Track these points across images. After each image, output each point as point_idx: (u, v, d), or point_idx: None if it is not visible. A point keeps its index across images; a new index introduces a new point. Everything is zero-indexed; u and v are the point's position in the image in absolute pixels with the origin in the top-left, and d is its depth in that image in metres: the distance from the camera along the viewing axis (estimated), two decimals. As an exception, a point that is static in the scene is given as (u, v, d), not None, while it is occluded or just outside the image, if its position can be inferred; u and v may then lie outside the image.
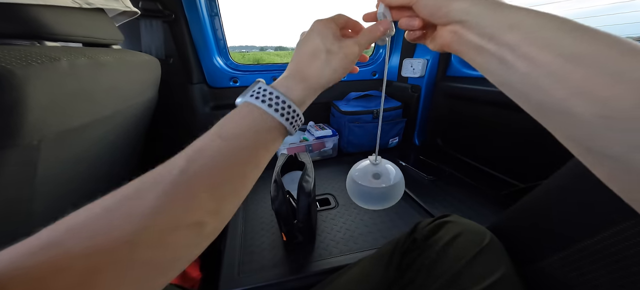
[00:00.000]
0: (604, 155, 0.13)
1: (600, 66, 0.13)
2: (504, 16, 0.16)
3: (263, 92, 0.20)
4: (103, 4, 0.46)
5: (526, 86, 0.15)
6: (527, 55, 0.15)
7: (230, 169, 0.18)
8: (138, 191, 0.16)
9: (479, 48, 0.17)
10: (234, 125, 0.20)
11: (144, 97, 0.58)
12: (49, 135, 0.32)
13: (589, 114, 0.13)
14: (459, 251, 0.30)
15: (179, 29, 0.80)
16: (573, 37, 0.14)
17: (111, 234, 0.14)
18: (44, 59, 0.29)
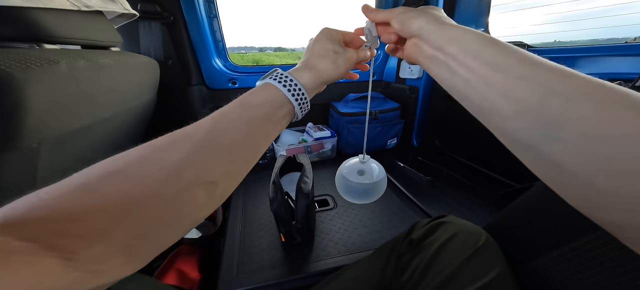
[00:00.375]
0: (526, 146, 0.16)
1: (511, 72, 0.16)
2: (447, 32, 0.21)
3: (280, 75, 0.24)
4: (101, 7, 0.46)
5: (466, 89, 0.19)
6: (464, 64, 0.19)
7: (246, 134, 0.21)
8: (170, 144, 0.18)
9: (432, 57, 0.22)
10: (253, 97, 0.23)
11: (143, 99, 0.58)
12: (48, 138, 0.32)
13: (511, 111, 0.16)
14: (455, 251, 0.31)
15: (178, 30, 0.81)
16: (493, 49, 0.18)
17: (143, 181, 0.16)
18: (43, 61, 0.29)
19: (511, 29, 0.85)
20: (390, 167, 0.89)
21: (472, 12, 0.84)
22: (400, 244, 0.38)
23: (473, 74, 0.18)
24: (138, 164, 0.17)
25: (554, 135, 0.14)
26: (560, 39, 0.90)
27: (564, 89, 0.14)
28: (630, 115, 0.12)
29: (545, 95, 0.15)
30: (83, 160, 0.44)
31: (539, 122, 0.15)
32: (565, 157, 0.14)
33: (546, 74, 0.15)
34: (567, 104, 0.14)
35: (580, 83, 0.14)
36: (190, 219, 0.19)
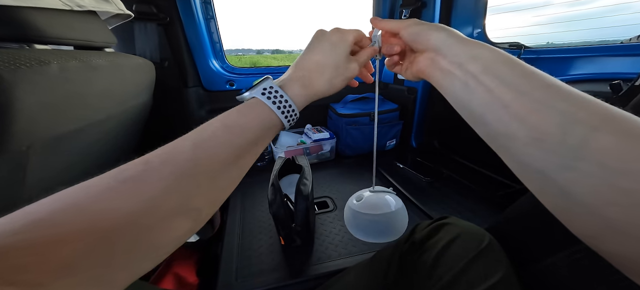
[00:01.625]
0: (536, 171, 0.16)
1: (531, 96, 0.16)
2: (469, 49, 0.20)
3: (270, 91, 0.22)
4: (95, 7, 0.45)
5: (482, 109, 0.18)
6: (483, 83, 0.18)
7: (234, 159, 0.20)
8: (145, 172, 0.17)
9: (449, 73, 0.21)
10: (241, 118, 0.21)
11: (138, 100, 0.57)
12: (38, 141, 0.31)
13: (528, 137, 0.16)
14: (458, 253, 0.30)
15: (174, 32, 0.80)
16: (514, 71, 0.17)
17: (114, 215, 0.15)
18: (33, 62, 0.28)
19: (507, 30, 0.86)
20: (389, 169, 0.88)
21: (468, 13, 0.84)
22: (402, 246, 0.37)
23: (491, 95, 0.18)
24: (107, 196, 0.15)
25: (570, 164, 0.14)
26: (553, 40, 0.91)
27: (587, 117, 0.14)
28: (613, 143, 0.13)
29: (566, 124, 0.14)
30: (75, 163, 0.43)
31: (557, 151, 0.14)
32: (578, 187, 0.14)
33: (567, 101, 0.15)
34: (590, 133, 0.14)
35: (603, 112, 0.14)
36: (171, 245, 0.18)
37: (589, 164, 0.13)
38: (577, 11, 0.79)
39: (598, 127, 0.14)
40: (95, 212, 0.14)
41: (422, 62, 0.23)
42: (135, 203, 0.15)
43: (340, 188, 0.77)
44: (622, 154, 0.13)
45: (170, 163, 0.17)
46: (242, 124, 0.21)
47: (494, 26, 0.85)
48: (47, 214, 0.14)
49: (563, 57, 0.67)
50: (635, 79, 0.40)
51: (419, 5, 0.88)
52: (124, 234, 0.15)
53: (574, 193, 0.14)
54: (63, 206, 0.14)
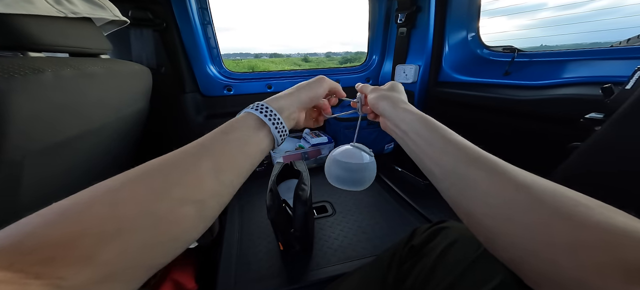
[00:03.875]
0: (450, 198, 0.23)
1: (436, 145, 0.24)
2: (399, 115, 0.28)
3: (260, 105, 0.26)
4: (90, 13, 0.45)
5: (415, 155, 0.26)
6: (411, 138, 0.26)
7: (232, 157, 0.22)
8: (159, 169, 0.19)
9: (393, 131, 0.29)
10: (232, 122, 0.25)
11: (134, 107, 0.57)
12: (33, 150, 0.30)
13: (439, 173, 0.23)
14: (457, 257, 0.30)
15: (171, 37, 0.80)
16: (426, 128, 0.25)
17: (132, 203, 0.16)
18: (27, 70, 0.28)
19: (500, 33, 0.87)
20: (388, 172, 0.89)
21: (463, 17, 0.86)
22: (401, 251, 0.37)
23: (416, 146, 0.26)
24: (127, 187, 0.17)
25: (464, 192, 0.21)
26: (546, 43, 0.93)
27: (464, 158, 0.22)
28: (503, 179, 0.19)
29: (455, 163, 0.22)
30: (70, 172, 0.42)
31: (455, 182, 0.22)
32: (471, 205, 0.20)
33: (454, 147, 0.23)
34: (467, 168, 0.21)
35: (473, 154, 0.21)
36: (181, 239, 0.19)
37: (472, 190, 0.20)
38: (569, 14, 0.81)
39: (470, 163, 0.21)
40: (116, 202, 0.16)
41: (382, 122, 0.32)
42: (148, 192, 0.17)
43: (339, 192, 0.77)
44: (488, 182, 0.19)
45: (180, 164, 0.20)
46: (233, 125, 0.24)
47: (487, 30, 0.87)
48: (71, 209, 0.15)
49: (555, 60, 0.68)
50: (626, 82, 0.41)
51: (414, 10, 0.89)
52: (140, 224, 0.16)
53: (472, 211, 0.20)
54: (85, 200, 0.16)
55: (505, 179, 0.19)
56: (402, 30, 0.94)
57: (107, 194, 0.16)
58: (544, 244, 0.16)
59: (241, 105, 0.94)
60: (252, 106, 0.26)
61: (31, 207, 0.36)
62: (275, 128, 0.25)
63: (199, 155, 0.21)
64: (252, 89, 0.97)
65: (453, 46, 0.89)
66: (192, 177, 0.19)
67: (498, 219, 0.18)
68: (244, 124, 0.24)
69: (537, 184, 0.18)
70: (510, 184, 0.18)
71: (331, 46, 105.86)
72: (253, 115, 0.25)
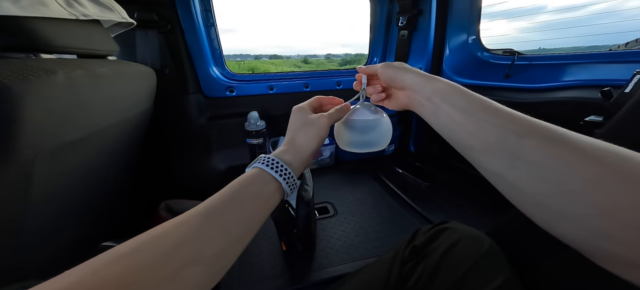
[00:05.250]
0: (494, 174, 0.20)
1: (476, 116, 0.21)
2: (432, 85, 0.25)
3: (269, 160, 0.26)
4: (99, 16, 0.45)
5: (448, 128, 0.24)
6: (444, 110, 0.24)
7: (239, 211, 0.22)
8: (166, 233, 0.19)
9: (422, 104, 0.26)
10: (243, 180, 0.24)
11: (139, 108, 0.57)
12: (44, 150, 0.31)
13: (479, 147, 0.21)
14: (459, 258, 0.31)
15: (175, 39, 0.80)
16: (462, 98, 0.23)
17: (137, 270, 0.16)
18: (41, 72, 0.29)
19: (500, 37, 0.88)
20: (389, 173, 0.89)
21: (463, 20, 0.87)
22: (403, 251, 0.38)
23: (450, 118, 0.23)
24: (134, 253, 0.17)
25: (513, 165, 0.18)
26: (545, 46, 0.94)
27: (516, 128, 0.19)
28: (563, 150, 0.16)
29: (502, 135, 0.19)
30: (77, 171, 0.43)
31: (501, 156, 0.19)
32: (522, 183, 0.18)
33: (501, 117, 0.20)
34: (518, 140, 0.18)
35: (528, 123, 0.19)
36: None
37: (525, 164, 0.17)
38: (567, 17, 0.81)
39: (524, 134, 0.18)
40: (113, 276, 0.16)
41: (402, 97, 0.29)
42: (152, 257, 0.17)
43: (341, 193, 0.77)
44: (544, 153, 0.17)
45: (186, 223, 0.20)
46: (245, 192, 0.24)
47: (487, 33, 0.88)
48: (71, 284, 0.15)
49: (555, 63, 0.69)
50: (625, 86, 0.42)
51: (415, 13, 0.90)
52: (142, 286, 0.16)
53: (521, 188, 0.18)
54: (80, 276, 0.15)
55: (567, 150, 0.16)
56: (403, 33, 0.95)
57: (115, 261, 0.16)
58: (622, 228, 0.13)
59: (243, 107, 0.95)
60: (262, 161, 0.26)
61: (40, 204, 0.37)
62: (286, 181, 0.25)
63: (207, 215, 0.21)
64: (254, 91, 0.98)
65: (454, 49, 0.90)
66: (201, 237, 0.19)
67: (558, 198, 0.16)
68: (255, 181, 0.24)
69: (612, 154, 0.15)
70: (574, 156, 0.16)
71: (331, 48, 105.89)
72: (264, 172, 0.25)
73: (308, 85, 1.04)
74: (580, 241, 0.16)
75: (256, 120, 0.90)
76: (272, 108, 1.00)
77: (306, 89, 1.03)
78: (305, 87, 1.03)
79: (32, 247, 0.36)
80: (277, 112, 1.00)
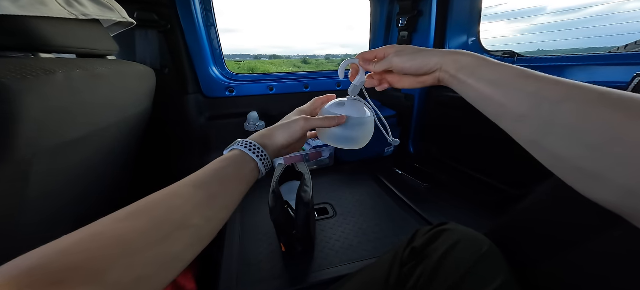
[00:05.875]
0: (531, 142, 0.20)
1: (507, 86, 0.21)
2: (456, 62, 0.25)
3: (247, 143, 0.29)
4: (99, 15, 0.45)
5: (478, 102, 0.24)
6: (471, 85, 0.24)
7: (221, 185, 0.25)
8: (161, 200, 0.21)
9: (450, 82, 0.27)
10: (224, 158, 0.28)
11: (139, 108, 0.57)
12: (43, 150, 0.31)
13: (513, 116, 0.21)
14: (459, 259, 0.31)
15: (175, 39, 0.80)
16: (490, 70, 0.23)
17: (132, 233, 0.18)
18: (40, 71, 0.29)
19: (499, 38, 0.88)
20: (388, 175, 0.89)
21: (463, 22, 0.87)
22: (402, 252, 0.37)
23: (478, 93, 0.23)
24: (132, 217, 0.19)
25: (549, 130, 0.18)
26: (544, 48, 0.94)
27: (551, 94, 0.18)
28: (606, 112, 0.16)
29: (536, 102, 0.19)
30: (75, 171, 0.42)
31: (536, 123, 0.19)
32: (559, 148, 0.18)
33: (535, 84, 0.19)
34: (555, 106, 0.18)
35: (563, 88, 0.18)
36: (181, 258, 0.21)
37: (562, 129, 0.17)
38: (566, 19, 0.82)
39: (561, 100, 0.18)
40: (115, 235, 0.18)
41: (429, 80, 0.29)
42: (148, 220, 0.19)
43: (340, 194, 0.77)
44: (583, 117, 0.16)
45: (181, 195, 0.22)
46: (224, 159, 0.27)
47: (486, 34, 0.88)
48: (75, 243, 0.16)
49: (555, 65, 0.69)
50: (625, 88, 0.42)
51: (415, 14, 0.90)
52: (142, 243, 0.18)
53: (558, 153, 0.18)
54: (94, 231, 0.17)
55: (610, 111, 0.16)
56: (404, 34, 0.95)
57: (114, 224, 0.18)
58: None
59: (243, 107, 0.95)
60: (241, 144, 0.29)
61: (37, 201, 0.37)
62: (262, 162, 0.29)
63: (195, 186, 0.23)
64: (254, 91, 0.98)
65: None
66: (189, 205, 0.22)
67: (601, 162, 0.16)
68: (236, 159, 0.27)
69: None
70: (615, 117, 0.15)
71: (331, 49, 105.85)
72: (243, 152, 0.28)
73: (308, 85, 1.04)
74: (624, 206, 0.16)
75: (256, 121, 0.90)
76: (272, 108, 1.00)
77: (306, 90, 1.03)
78: (305, 88, 1.03)
79: (29, 243, 0.36)
80: (276, 113, 1.00)
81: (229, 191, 0.25)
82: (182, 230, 0.20)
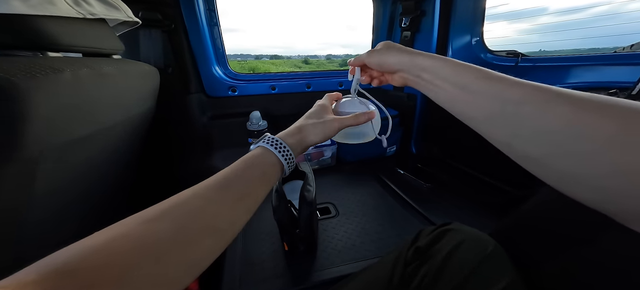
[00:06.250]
0: (503, 144, 0.20)
1: (471, 88, 0.21)
2: (417, 63, 0.25)
3: (272, 139, 0.28)
4: (105, 14, 0.46)
5: (446, 102, 0.24)
6: (438, 85, 0.24)
7: (247, 186, 0.24)
8: (185, 202, 0.21)
9: (417, 83, 0.26)
10: (251, 156, 0.27)
11: (143, 107, 0.58)
12: (50, 148, 0.31)
13: (481, 117, 0.21)
14: (463, 260, 0.30)
15: (178, 38, 0.81)
16: (454, 71, 0.22)
17: (157, 235, 0.18)
18: (48, 70, 0.29)
19: (501, 39, 0.88)
20: (390, 174, 0.89)
21: (467, 21, 0.86)
22: (405, 252, 0.37)
23: (446, 93, 0.23)
24: (157, 220, 0.19)
25: (516, 133, 0.18)
26: (545, 48, 0.94)
27: (512, 96, 0.18)
28: (564, 110, 0.16)
29: (500, 103, 0.19)
30: (80, 169, 0.43)
31: (504, 124, 0.19)
32: (528, 148, 0.18)
33: (497, 85, 0.19)
34: (518, 106, 0.18)
35: (523, 89, 0.18)
36: (201, 264, 0.20)
37: (526, 130, 0.17)
38: (569, 19, 0.81)
39: (522, 101, 0.18)
40: (140, 237, 0.17)
41: (397, 79, 0.29)
42: (171, 226, 0.19)
43: (342, 194, 0.77)
44: (544, 116, 0.16)
45: (204, 194, 0.22)
46: (251, 160, 0.26)
47: (488, 35, 0.88)
48: (103, 244, 0.16)
49: (559, 65, 0.69)
50: (631, 88, 0.42)
51: (418, 14, 0.90)
52: (167, 248, 0.18)
53: (528, 153, 0.18)
54: (114, 235, 0.17)
55: (573, 108, 0.15)
56: (406, 34, 0.95)
57: (140, 225, 0.18)
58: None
59: (245, 106, 0.95)
60: (267, 141, 0.28)
61: (44, 197, 0.37)
62: (287, 163, 0.28)
63: (222, 188, 0.23)
64: (256, 90, 0.98)
65: (456, 50, 0.90)
66: (215, 208, 0.21)
67: (567, 160, 0.16)
68: (263, 159, 0.27)
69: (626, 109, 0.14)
70: (576, 115, 0.15)
71: (332, 49, 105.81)
72: (270, 151, 0.27)
73: (310, 85, 1.04)
74: (601, 203, 0.15)
75: (258, 120, 0.90)
76: (274, 108, 1.00)
77: (308, 89, 1.03)
78: (307, 87, 1.03)
79: (34, 240, 0.36)
80: (279, 112, 1.00)
81: (253, 193, 0.24)
82: (206, 234, 0.20)
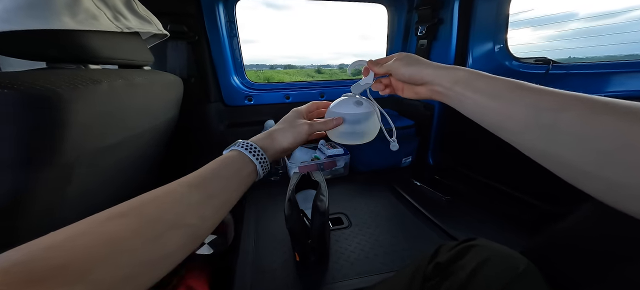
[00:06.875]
0: (539, 152, 0.20)
1: (504, 98, 0.21)
2: (452, 75, 0.26)
3: (247, 144, 0.29)
4: (140, 28, 0.50)
5: (477, 114, 0.24)
6: (469, 97, 0.24)
7: (219, 185, 0.25)
8: (153, 200, 0.21)
9: (447, 95, 0.27)
10: (224, 158, 0.28)
11: (168, 115, 0.61)
12: (85, 152, 0.34)
13: (517, 128, 0.21)
14: (490, 278, 0.28)
15: (201, 49, 0.86)
16: (484, 82, 0.23)
17: (123, 232, 0.18)
18: (88, 81, 0.32)
19: (525, 45, 0.84)
20: (406, 186, 0.86)
21: (489, 28, 0.83)
22: (425, 267, 0.36)
23: (477, 104, 0.24)
24: (123, 217, 0.19)
25: (554, 139, 0.18)
26: (575, 55, 0.88)
27: (549, 104, 0.19)
28: (610, 119, 0.16)
29: (536, 112, 0.19)
30: (110, 173, 0.46)
31: (539, 132, 0.19)
32: (567, 155, 0.18)
33: (532, 95, 0.20)
34: (556, 114, 0.18)
35: (562, 98, 0.19)
36: (172, 257, 0.20)
37: (566, 136, 0.18)
38: (602, 25, 0.76)
39: (561, 108, 0.18)
40: (102, 233, 0.17)
41: (423, 91, 0.30)
42: (138, 220, 0.19)
43: (355, 204, 0.75)
44: (589, 123, 0.17)
45: (174, 193, 0.22)
46: (225, 160, 0.27)
47: (511, 42, 0.84)
48: (62, 240, 0.16)
49: (597, 72, 0.64)
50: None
51: (435, 22, 0.89)
52: (133, 245, 0.18)
53: (566, 160, 0.18)
54: (76, 232, 0.17)
55: (614, 119, 0.16)
56: (423, 43, 0.94)
57: (103, 222, 0.18)
58: None
59: (260, 115, 0.97)
60: (241, 145, 0.29)
61: (74, 199, 0.39)
62: (260, 165, 0.29)
63: (191, 186, 0.23)
64: (272, 100, 1.01)
65: (477, 58, 0.87)
66: (183, 204, 0.22)
67: (612, 168, 0.16)
68: (236, 161, 0.27)
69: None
70: (625, 124, 0.15)
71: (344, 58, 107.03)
72: (242, 153, 0.28)
73: (324, 94, 1.05)
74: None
75: (273, 128, 0.92)
76: (289, 116, 1.01)
77: (322, 99, 1.04)
78: (320, 97, 1.05)
79: None
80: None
81: (225, 191, 0.25)
82: (175, 229, 0.20)
